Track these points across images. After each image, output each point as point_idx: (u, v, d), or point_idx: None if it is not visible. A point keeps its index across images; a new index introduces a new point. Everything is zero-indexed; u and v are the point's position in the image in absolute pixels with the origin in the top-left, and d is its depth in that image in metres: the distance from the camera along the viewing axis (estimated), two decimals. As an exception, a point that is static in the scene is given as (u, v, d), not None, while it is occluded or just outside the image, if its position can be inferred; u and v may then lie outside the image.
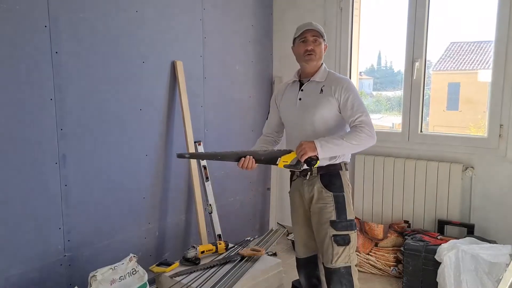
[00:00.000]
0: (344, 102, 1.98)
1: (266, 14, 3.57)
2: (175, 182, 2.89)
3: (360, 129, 1.92)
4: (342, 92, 1.98)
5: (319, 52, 2.03)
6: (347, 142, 1.90)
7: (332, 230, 1.98)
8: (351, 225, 2.00)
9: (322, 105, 2.00)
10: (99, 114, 2.40)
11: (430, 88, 3.40)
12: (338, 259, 1.97)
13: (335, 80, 2.03)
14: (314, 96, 2.03)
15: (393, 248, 2.95)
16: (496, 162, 2.81)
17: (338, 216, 1.98)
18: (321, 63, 2.10)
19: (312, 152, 1.87)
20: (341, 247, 1.97)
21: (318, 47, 2.03)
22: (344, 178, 2.05)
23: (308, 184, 2.06)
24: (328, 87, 2.01)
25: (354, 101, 1.97)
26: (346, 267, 1.98)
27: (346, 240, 1.98)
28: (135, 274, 2.28)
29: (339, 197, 2.00)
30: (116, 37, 2.45)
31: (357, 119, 1.95)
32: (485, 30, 2.73)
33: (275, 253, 3.33)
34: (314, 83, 2.06)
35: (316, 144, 1.87)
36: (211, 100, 3.10)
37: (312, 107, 2.02)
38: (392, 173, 3.12)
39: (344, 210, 1.99)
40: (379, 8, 3.46)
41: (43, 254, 2.20)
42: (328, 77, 2.05)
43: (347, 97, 1.97)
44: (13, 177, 2.06)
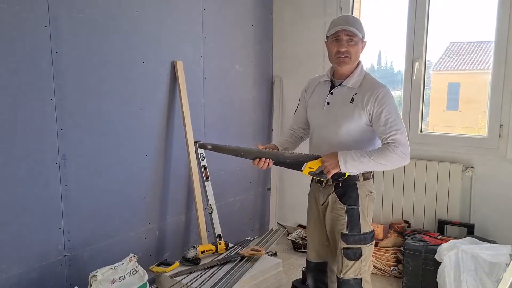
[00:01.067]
0: (377, 116, 1.78)
1: (266, 14, 3.57)
2: (175, 182, 2.89)
3: (393, 149, 1.74)
4: (375, 104, 1.77)
5: (354, 53, 1.81)
6: (375, 161, 1.75)
7: (343, 243, 1.87)
8: (365, 238, 1.87)
9: (349, 117, 1.82)
10: (99, 114, 2.40)
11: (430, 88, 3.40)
12: (347, 272, 1.87)
13: (369, 89, 1.81)
14: (343, 104, 1.84)
15: (393, 248, 2.95)
16: (496, 162, 2.81)
17: (350, 230, 1.86)
18: (358, 63, 1.88)
19: (335, 170, 1.76)
20: (351, 261, 1.86)
21: (354, 48, 1.80)
22: (362, 189, 1.89)
23: (323, 192, 1.94)
24: (360, 97, 1.81)
25: (388, 115, 1.76)
26: (357, 279, 1.88)
27: (357, 254, 1.86)
28: (135, 274, 2.29)
29: (353, 210, 1.86)
30: (116, 37, 2.45)
31: (390, 137, 1.76)
32: (485, 30, 2.73)
33: (275, 253, 3.32)
34: (345, 89, 1.86)
35: (339, 160, 1.75)
36: (211, 100, 3.10)
37: (339, 117, 1.84)
38: (392, 173, 3.12)
39: (358, 223, 1.86)
40: (379, 8, 3.46)
41: (43, 254, 2.20)
42: (363, 83, 1.84)
43: (380, 111, 1.77)
44: (13, 177, 2.06)
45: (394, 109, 1.80)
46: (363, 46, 1.87)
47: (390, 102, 1.80)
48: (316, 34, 3.42)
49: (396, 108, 1.81)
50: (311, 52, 3.47)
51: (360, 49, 1.85)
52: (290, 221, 3.74)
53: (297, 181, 3.55)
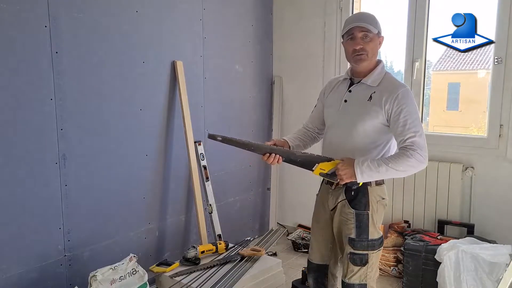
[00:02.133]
0: (395, 117, 1.72)
1: (266, 14, 3.57)
2: (175, 182, 2.89)
3: (411, 153, 1.68)
4: (394, 104, 1.71)
5: (370, 50, 1.75)
6: (393, 169, 1.68)
7: (350, 248, 1.82)
8: (373, 245, 1.82)
9: (366, 116, 1.76)
10: (99, 114, 2.40)
11: (430, 88, 3.40)
12: (352, 277, 1.83)
13: (389, 88, 1.75)
14: (361, 102, 1.79)
15: (393, 248, 2.95)
16: (496, 162, 2.81)
17: (358, 235, 1.80)
18: (379, 61, 1.83)
19: (350, 179, 1.71)
20: (357, 267, 1.82)
21: (369, 44, 1.75)
22: (373, 195, 1.82)
23: (333, 194, 1.89)
24: (379, 95, 1.75)
25: (407, 116, 1.70)
26: (361, 284, 1.83)
27: (363, 260, 1.81)
28: (135, 274, 2.29)
29: (362, 215, 1.80)
30: (116, 37, 2.45)
31: (408, 140, 1.69)
32: (485, 30, 2.73)
33: (275, 253, 3.32)
34: (364, 87, 1.81)
35: (356, 170, 1.69)
36: (211, 100, 3.10)
37: (355, 115, 1.79)
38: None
39: (366, 229, 1.80)
40: (379, 8, 3.46)
41: (43, 254, 2.20)
42: (383, 82, 1.78)
43: (399, 111, 1.71)
44: (13, 177, 2.06)
45: (414, 111, 1.73)
46: (381, 42, 1.81)
47: (410, 103, 1.73)
48: (316, 34, 3.42)
49: (416, 109, 1.75)
50: (311, 52, 3.47)
51: (377, 45, 1.79)
52: (290, 221, 3.74)
53: (297, 181, 3.55)
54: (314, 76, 3.47)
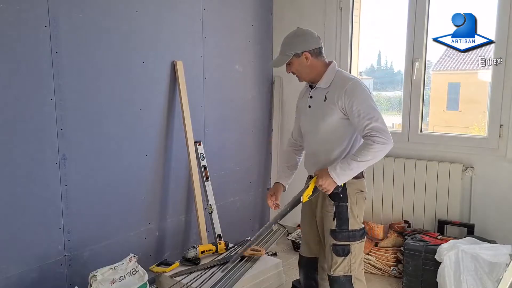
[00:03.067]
0: (349, 110, 1.83)
1: (266, 14, 3.57)
2: (175, 182, 2.89)
3: (372, 140, 1.78)
4: (345, 98, 1.83)
5: (297, 70, 1.94)
6: (362, 161, 1.79)
7: (332, 239, 1.93)
8: (353, 235, 1.92)
9: (326, 115, 1.89)
10: (99, 114, 2.40)
11: (430, 88, 3.40)
12: (337, 269, 1.93)
13: (338, 85, 1.88)
14: (319, 104, 1.93)
15: (393, 248, 2.95)
16: (496, 162, 2.81)
17: (339, 226, 1.92)
18: (329, 64, 1.95)
19: (333, 186, 1.84)
20: (340, 257, 1.92)
21: (293, 67, 1.93)
22: (351, 187, 1.93)
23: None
24: (332, 94, 1.88)
25: (359, 106, 1.81)
26: (346, 275, 1.93)
27: (345, 250, 1.92)
28: (135, 274, 2.29)
29: (341, 207, 1.92)
30: (116, 37, 2.45)
31: (366, 128, 1.80)
32: (485, 30, 2.73)
33: (275, 253, 3.33)
34: (319, 90, 1.95)
35: (332, 176, 1.81)
36: (211, 100, 3.10)
37: (318, 117, 1.93)
38: (392, 173, 3.12)
39: (346, 220, 1.92)
40: (379, 8, 3.46)
41: (43, 254, 2.20)
42: (334, 81, 1.91)
43: (351, 104, 1.82)
44: (13, 177, 2.06)
45: (364, 99, 1.84)
46: (307, 56, 1.91)
47: (360, 93, 1.84)
48: (316, 34, 3.42)
49: (366, 97, 1.85)
50: (311, 52, 3.47)
51: (302, 63, 1.91)
52: (290, 221, 3.74)
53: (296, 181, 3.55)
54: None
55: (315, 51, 1.92)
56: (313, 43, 1.92)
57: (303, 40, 1.92)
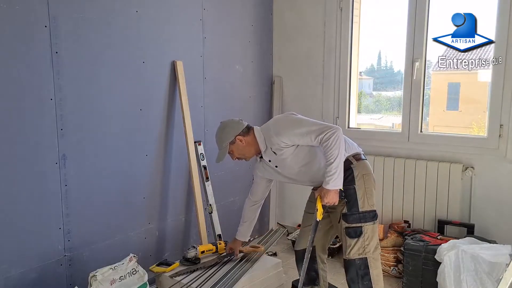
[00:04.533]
0: (293, 142, 2.03)
1: (266, 14, 3.57)
2: (175, 182, 2.89)
3: (325, 140, 1.96)
4: (280, 140, 2.02)
5: (238, 153, 2.13)
6: (336, 158, 1.95)
7: (344, 223, 2.05)
8: (364, 217, 2.03)
9: (289, 159, 2.06)
10: (99, 114, 2.40)
11: (430, 88, 3.40)
12: (351, 251, 2.02)
13: (269, 138, 2.07)
14: (277, 160, 2.10)
15: (393, 248, 2.95)
16: (496, 162, 2.81)
17: (349, 209, 2.03)
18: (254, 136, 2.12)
19: (336, 197, 1.98)
20: (353, 239, 2.01)
21: (236, 152, 2.13)
22: (358, 170, 2.07)
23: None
24: (273, 146, 2.07)
25: (294, 133, 2.01)
26: (362, 258, 2.02)
27: (358, 232, 2.01)
28: (135, 274, 2.28)
29: (349, 190, 2.04)
30: (116, 37, 2.45)
31: (314, 139, 1.99)
32: (485, 30, 2.73)
33: (275, 253, 3.33)
34: (267, 152, 2.12)
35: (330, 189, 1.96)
36: (211, 100, 3.10)
37: (287, 168, 2.10)
38: (392, 173, 3.12)
39: (356, 203, 2.03)
40: (379, 8, 3.46)
41: (43, 254, 2.20)
42: (266, 139, 2.10)
43: (288, 139, 2.02)
44: (13, 177, 2.06)
45: (291, 127, 2.04)
46: (240, 140, 2.11)
47: (283, 127, 2.05)
48: (316, 34, 3.42)
49: (288, 121, 2.09)
50: (311, 52, 3.48)
51: (239, 146, 2.11)
52: (290, 221, 3.75)
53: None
54: (314, 76, 3.47)
55: (243, 131, 2.12)
56: (239, 127, 2.13)
57: (229, 129, 2.12)
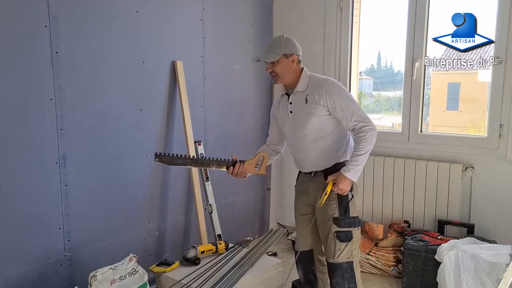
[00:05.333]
0: (332, 107, 1.96)
1: (266, 14, 3.57)
2: (175, 182, 2.89)
3: (363, 131, 1.93)
4: (326, 98, 1.95)
5: (280, 71, 2.01)
6: (365, 153, 1.93)
7: (335, 226, 2.02)
8: (354, 222, 2.03)
9: (310, 115, 1.99)
10: (99, 114, 2.40)
11: (430, 88, 3.40)
12: (340, 255, 2.01)
13: (316, 86, 2.00)
14: (301, 107, 2.03)
15: (393, 248, 2.95)
16: (496, 162, 2.81)
17: (341, 214, 2.01)
18: (301, 70, 2.06)
19: (350, 186, 1.97)
20: (344, 243, 2.00)
21: (277, 67, 2.00)
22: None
23: (314, 181, 2.09)
24: (312, 95, 1.99)
25: (341, 103, 1.95)
26: (349, 262, 2.02)
27: (348, 236, 2.01)
28: (135, 274, 2.29)
29: (343, 195, 2.02)
30: (116, 37, 2.45)
31: (352, 120, 1.94)
32: (485, 30, 2.73)
33: (275, 253, 3.33)
34: (298, 94, 2.04)
35: (348, 177, 1.93)
36: (211, 100, 3.10)
37: (302, 119, 2.02)
38: (392, 173, 3.12)
39: (348, 207, 2.02)
40: (379, 8, 3.46)
41: (43, 254, 2.20)
42: (310, 83, 2.03)
43: (333, 102, 1.95)
44: (13, 177, 2.06)
45: (343, 95, 1.99)
46: (293, 59, 2.02)
47: (337, 91, 1.98)
48: (316, 34, 3.42)
49: (344, 93, 2.01)
50: (311, 52, 3.47)
51: (287, 65, 2.01)
52: (290, 221, 3.74)
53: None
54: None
55: (299, 58, 2.05)
56: (299, 50, 2.06)
57: (293, 44, 2.05)
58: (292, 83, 2.05)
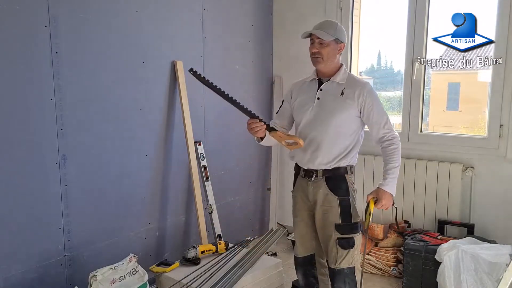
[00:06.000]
0: (368, 110, 1.95)
1: (266, 14, 3.57)
2: (175, 182, 2.89)
3: (395, 144, 1.98)
4: (367, 97, 1.94)
5: (325, 54, 1.95)
6: (398, 166, 1.98)
7: (337, 233, 1.97)
8: (356, 227, 2.00)
9: (342, 109, 1.95)
10: (99, 114, 2.40)
11: (430, 88, 3.40)
12: (342, 261, 1.98)
13: (357, 84, 1.97)
14: (334, 98, 1.98)
15: (393, 248, 2.95)
16: (496, 162, 2.81)
17: (343, 220, 1.97)
18: (341, 64, 2.03)
19: (391, 200, 1.98)
20: (345, 250, 1.97)
21: (325, 49, 1.94)
22: (350, 181, 2.02)
23: (314, 186, 2.03)
24: (350, 90, 1.96)
25: (379, 108, 1.96)
26: (350, 267, 1.99)
27: (350, 243, 1.97)
28: (135, 274, 2.29)
29: (344, 201, 1.98)
30: (116, 37, 2.45)
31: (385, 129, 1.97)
32: (485, 30, 2.73)
33: (275, 253, 3.33)
34: (334, 84, 2.00)
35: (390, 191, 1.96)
36: (211, 100, 3.10)
37: (331, 109, 1.96)
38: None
39: (349, 213, 1.98)
40: (379, 8, 3.46)
41: (43, 254, 2.20)
42: (349, 80, 2.00)
43: (371, 105, 1.94)
44: (13, 177, 2.06)
45: (379, 102, 2.00)
46: (341, 48, 2.00)
47: (376, 96, 1.99)
48: (316, 34, 3.41)
49: (379, 100, 2.01)
50: (311, 52, 3.47)
51: (334, 50, 1.97)
52: (290, 221, 3.71)
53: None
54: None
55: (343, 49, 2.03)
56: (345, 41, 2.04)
57: (344, 33, 2.01)
58: (330, 71, 2.01)
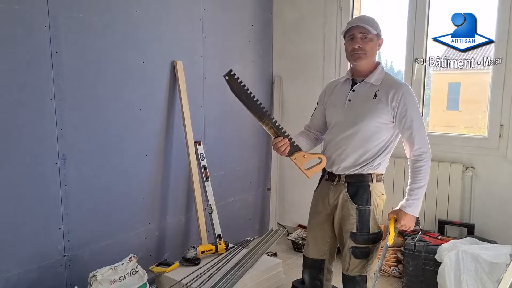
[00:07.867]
0: (401, 115, 1.81)
1: (266, 14, 3.57)
2: (175, 182, 2.89)
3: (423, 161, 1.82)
4: (401, 100, 1.79)
5: (369, 50, 1.83)
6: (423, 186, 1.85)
7: (352, 242, 1.88)
8: (373, 238, 1.89)
9: (372, 112, 1.82)
10: (99, 114, 2.40)
11: (430, 88, 3.40)
12: (354, 270, 1.90)
13: (393, 86, 1.83)
14: (366, 100, 1.85)
15: (393, 248, 2.95)
16: (497, 162, 2.81)
17: (360, 229, 1.87)
18: (378, 63, 1.91)
19: (414, 221, 1.87)
20: (358, 260, 1.89)
21: (368, 44, 1.83)
22: (374, 191, 1.89)
23: (334, 190, 1.94)
24: (384, 93, 1.82)
25: (413, 113, 1.79)
26: (362, 276, 1.90)
27: (364, 253, 1.88)
28: (135, 274, 2.29)
29: (364, 211, 1.87)
30: (116, 37, 2.45)
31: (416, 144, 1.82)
32: (485, 29, 2.73)
33: (275, 253, 3.32)
34: (368, 85, 1.87)
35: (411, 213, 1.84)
36: (211, 100, 3.10)
37: (361, 111, 1.85)
38: (392, 173, 3.12)
39: (368, 224, 1.87)
40: (379, 8, 3.46)
41: (43, 254, 2.20)
42: (385, 81, 1.86)
43: (405, 108, 1.79)
44: (13, 177, 2.06)
45: (417, 108, 1.84)
46: (380, 44, 1.89)
47: (413, 100, 1.83)
48: (316, 34, 3.42)
49: (417, 106, 1.85)
50: (311, 52, 3.47)
51: (375, 46, 1.87)
52: (290, 221, 3.74)
53: (297, 181, 3.55)
54: (314, 76, 3.47)
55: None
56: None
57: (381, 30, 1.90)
58: (366, 70, 1.89)
